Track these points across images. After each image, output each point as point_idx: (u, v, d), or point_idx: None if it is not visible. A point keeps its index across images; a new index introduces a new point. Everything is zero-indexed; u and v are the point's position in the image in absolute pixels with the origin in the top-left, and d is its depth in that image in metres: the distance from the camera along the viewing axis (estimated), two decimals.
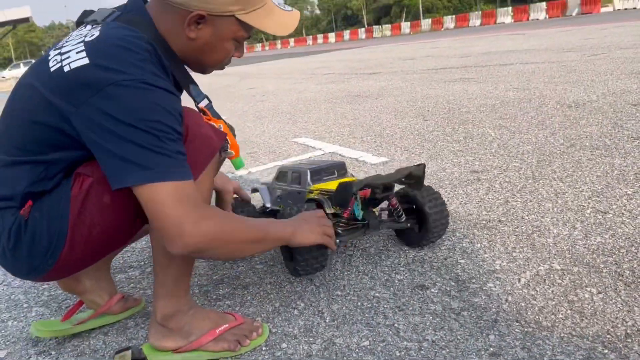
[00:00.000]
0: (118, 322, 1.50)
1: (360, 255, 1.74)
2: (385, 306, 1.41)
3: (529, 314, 1.30)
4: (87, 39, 1.08)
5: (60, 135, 1.07)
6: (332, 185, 1.67)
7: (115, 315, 1.49)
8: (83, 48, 1.06)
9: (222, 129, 1.25)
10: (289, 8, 1.27)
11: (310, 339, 1.30)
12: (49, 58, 1.11)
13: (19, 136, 1.13)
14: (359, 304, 1.44)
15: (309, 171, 1.75)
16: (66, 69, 1.05)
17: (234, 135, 1.33)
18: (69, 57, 1.06)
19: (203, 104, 1.27)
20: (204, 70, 1.29)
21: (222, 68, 1.30)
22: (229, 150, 1.28)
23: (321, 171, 1.76)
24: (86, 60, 1.03)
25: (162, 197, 1.01)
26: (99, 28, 1.11)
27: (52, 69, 1.07)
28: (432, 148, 3.08)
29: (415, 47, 15.38)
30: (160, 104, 1.03)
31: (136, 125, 0.99)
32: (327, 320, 1.38)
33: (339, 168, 1.79)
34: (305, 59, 17.40)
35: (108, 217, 1.13)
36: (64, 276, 1.29)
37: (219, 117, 1.28)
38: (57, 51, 1.11)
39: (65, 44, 1.12)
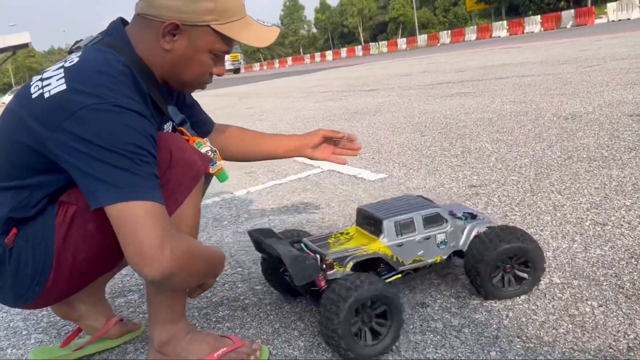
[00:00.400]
0: (118, 347, 1.49)
1: None
2: None
3: (530, 329, 1.30)
4: (67, 64, 1.10)
5: (41, 158, 1.07)
6: (349, 242, 1.44)
7: (114, 340, 1.48)
8: (62, 74, 1.07)
9: (202, 145, 1.26)
10: (269, 24, 1.28)
11: None
12: (31, 84, 1.13)
13: (2, 161, 1.14)
14: None
15: (358, 209, 1.50)
16: (46, 95, 1.06)
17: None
18: (49, 83, 1.08)
19: (181, 124, 1.27)
20: (183, 88, 1.28)
21: (202, 87, 1.30)
22: (217, 163, 1.28)
23: (364, 217, 1.48)
24: (64, 86, 1.05)
25: (137, 215, 0.99)
26: (79, 53, 1.13)
27: (33, 95, 1.09)
28: (430, 163, 3.08)
29: (411, 63, 15.49)
30: (133, 127, 1.03)
31: (110, 148, 0.99)
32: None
33: (377, 224, 1.40)
34: (303, 77, 17.52)
35: (93, 245, 1.12)
36: (52, 303, 1.28)
37: (198, 136, 1.29)
38: (39, 77, 1.14)
39: (47, 70, 1.14)
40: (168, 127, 1.34)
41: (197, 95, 1.46)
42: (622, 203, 2.01)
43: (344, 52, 47.10)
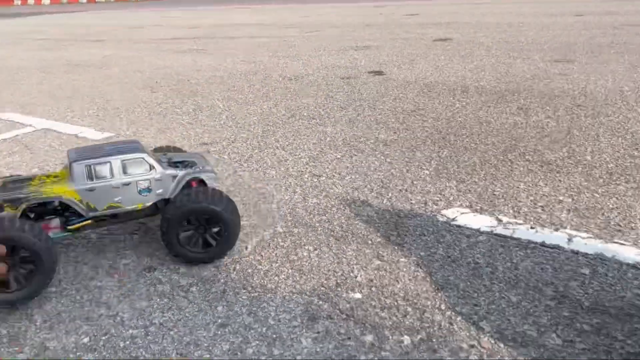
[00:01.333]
0: None
1: (80, 244, 1.57)
2: (109, 295, 1.30)
3: (255, 279, 1.35)
4: None
5: None
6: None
7: None
8: None
9: None
10: None
11: (16, 348, 1.12)
12: None
13: None
14: (78, 297, 1.30)
15: (68, 151, 1.37)
16: None
17: None
18: None
19: None
20: None
21: None
22: None
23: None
24: None
25: None
26: None
27: None
28: (161, 120, 2.96)
29: (144, 15, 14.61)
30: None
31: None
32: (37, 323, 1.20)
33: (69, 167, 1.33)
34: (12, 21, 14.96)
35: None
36: None
37: None
38: None
39: None
40: None
41: None
42: (334, 156, 2.25)
43: None
